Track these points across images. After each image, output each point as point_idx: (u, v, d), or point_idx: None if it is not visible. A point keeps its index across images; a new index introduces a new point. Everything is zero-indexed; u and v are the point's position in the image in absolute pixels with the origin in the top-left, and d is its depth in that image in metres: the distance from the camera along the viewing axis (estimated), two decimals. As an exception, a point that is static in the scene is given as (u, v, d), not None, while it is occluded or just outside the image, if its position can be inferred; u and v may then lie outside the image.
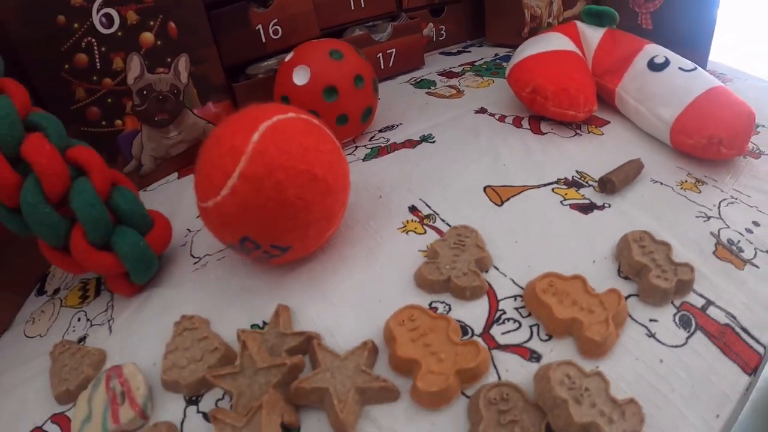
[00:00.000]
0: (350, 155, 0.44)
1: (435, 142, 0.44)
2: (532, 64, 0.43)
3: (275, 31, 0.49)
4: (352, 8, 0.54)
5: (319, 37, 0.50)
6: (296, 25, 0.50)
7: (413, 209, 0.36)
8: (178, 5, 0.40)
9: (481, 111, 0.48)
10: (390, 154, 0.43)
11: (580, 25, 0.46)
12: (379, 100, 0.46)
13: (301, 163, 0.27)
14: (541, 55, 0.44)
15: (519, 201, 0.35)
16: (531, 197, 0.36)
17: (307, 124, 0.29)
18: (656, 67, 0.40)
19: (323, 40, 0.44)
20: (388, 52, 0.57)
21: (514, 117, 0.46)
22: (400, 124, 0.48)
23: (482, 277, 0.29)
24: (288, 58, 0.43)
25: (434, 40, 0.66)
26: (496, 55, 0.63)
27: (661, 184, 0.36)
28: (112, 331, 0.30)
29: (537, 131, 0.44)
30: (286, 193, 0.26)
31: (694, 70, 0.39)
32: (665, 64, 0.40)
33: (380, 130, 0.47)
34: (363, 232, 0.34)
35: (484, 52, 0.65)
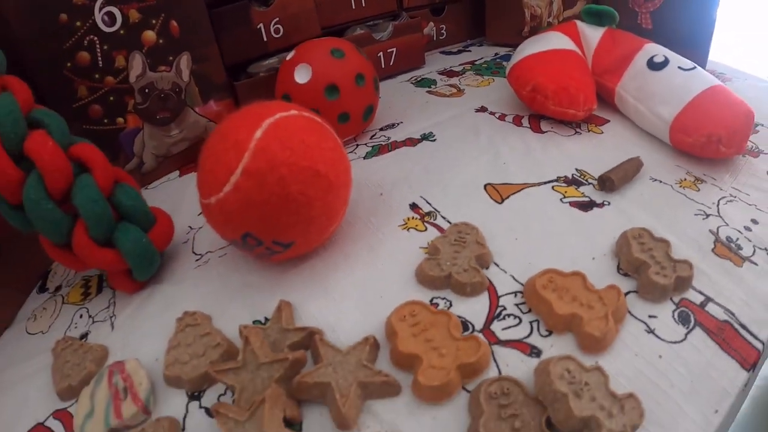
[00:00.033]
0: (351, 153, 0.44)
1: (435, 140, 0.44)
2: (532, 63, 0.43)
3: (276, 30, 0.49)
4: (353, 7, 0.54)
5: (320, 36, 0.50)
6: (297, 23, 0.50)
7: (414, 206, 0.36)
8: (180, 4, 0.41)
9: (482, 110, 0.48)
10: (391, 152, 0.43)
11: (580, 25, 0.47)
12: (380, 98, 0.46)
13: (303, 160, 0.27)
14: (541, 54, 0.44)
15: (519, 199, 0.36)
16: (531, 195, 0.36)
17: (310, 122, 0.29)
18: (656, 66, 0.40)
19: (324, 39, 0.44)
20: (388, 51, 0.57)
21: (515, 116, 0.46)
22: (401, 122, 0.48)
23: (483, 274, 0.29)
24: (289, 56, 0.43)
25: (435, 39, 0.66)
26: (497, 54, 0.63)
27: (661, 182, 0.36)
28: (115, 327, 0.30)
29: (537, 130, 0.44)
30: (289, 189, 0.26)
31: (694, 69, 0.39)
32: (665, 64, 0.40)
33: (381, 129, 0.47)
34: (364, 229, 0.34)
35: (484, 52, 0.65)
